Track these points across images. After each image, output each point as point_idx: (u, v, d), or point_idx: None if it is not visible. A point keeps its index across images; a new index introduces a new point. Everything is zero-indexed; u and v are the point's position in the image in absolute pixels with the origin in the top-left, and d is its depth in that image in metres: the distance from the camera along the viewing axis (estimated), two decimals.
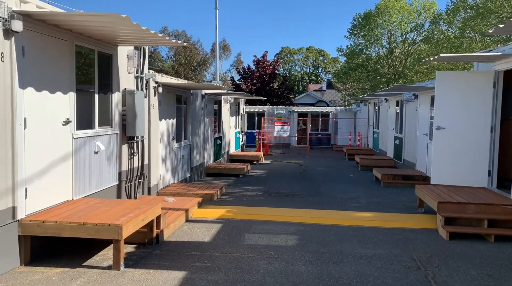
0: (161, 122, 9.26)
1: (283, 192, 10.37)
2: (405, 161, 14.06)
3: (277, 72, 37.58)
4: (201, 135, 12.58)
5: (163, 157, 9.45)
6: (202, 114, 12.64)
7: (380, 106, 18.15)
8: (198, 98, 12.14)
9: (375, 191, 10.78)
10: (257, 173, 14.07)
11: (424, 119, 12.12)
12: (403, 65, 32.82)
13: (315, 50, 74.49)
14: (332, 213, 8.11)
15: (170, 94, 9.81)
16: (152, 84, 8.62)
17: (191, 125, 11.53)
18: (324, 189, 10.87)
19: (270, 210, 8.26)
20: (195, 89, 11.10)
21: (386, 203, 9.16)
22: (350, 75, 34.80)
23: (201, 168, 12.70)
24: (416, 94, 12.87)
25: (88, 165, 6.35)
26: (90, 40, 6.30)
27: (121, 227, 4.77)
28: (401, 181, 11.64)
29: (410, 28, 31.79)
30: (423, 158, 12.07)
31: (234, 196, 9.69)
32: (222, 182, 11.37)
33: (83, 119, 6.29)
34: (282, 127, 20.88)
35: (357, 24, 34.28)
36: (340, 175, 13.71)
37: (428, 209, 8.11)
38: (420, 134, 12.38)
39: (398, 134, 14.98)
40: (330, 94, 56.49)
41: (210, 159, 13.73)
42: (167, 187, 9.55)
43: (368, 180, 12.69)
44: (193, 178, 11.73)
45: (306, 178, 13.01)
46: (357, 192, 10.47)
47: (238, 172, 13.03)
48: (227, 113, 16.27)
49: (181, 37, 47.03)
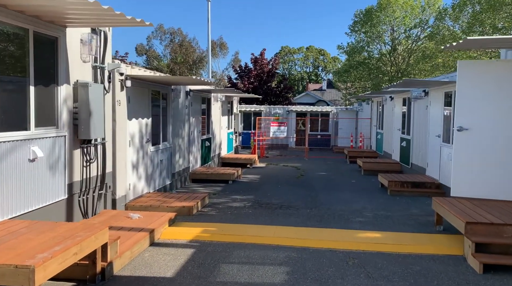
0: (130, 121, 7.87)
1: (275, 202, 8.97)
2: (413, 165, 12.66)
3: (275, 71, 36.19)
4: (185, 137, 11.19)
5: (134, 162, 8.05)
6: (186, 113, 11.25)
7: (385, 104, 16.73)
8: (181, 94, 10.74)
9: (381, 201, 9.38)
10: (249, 178, 12.67)
11: (436, 118, 10.72)
12: (406, 63, 31.40)
13: (315, 50, 73.37)
14: (333, 232, 6.70)
15: (143, 89, 8.42)
16: (117, 77, 7.22)
17: (173, 126, 10.14)
18: (323, 199, 9.47)
19: (257, 228, 6.86)
20: (175, 83, 9.70)
21: (396, 217, 7.77)
22: (351, 73, 33.34)
23: (185, 174, 11.30)
24: (426, 91, 11.47)
25: (19, 177, 4.95)
26: (20, 16, 4.90)
27: (33, 270, 3.37)
28: (410, 189, 10.23)
29: (414, 24, 30.35)
30: (435, 163, 10.66)
31: (217, 209, 8.29)
32: (207, 191, 9.98)
33: (11, 117, 4.90)
34: (278, 127, 19.45)
35: (359, 21, 32.81)
36: (341, 181, 12.31)
37: (448, 226, 6.72)
38: (432, 135, 10.98)
39: (405, 135, 13.58)
40: (330, 93, 55.28)
41: (196, 163, 12.33)
42: (139, 198, 8.16)
43: (373, 187, 11.29)
44: (174, 186, 10.33)
45: (303, 184, 11.61)
46: (361, 203, 9.07)
47: (227, 177, 11.63)
48: (217, 112, 14.87)
49: (177, 34, 45.67)
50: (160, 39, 46.38)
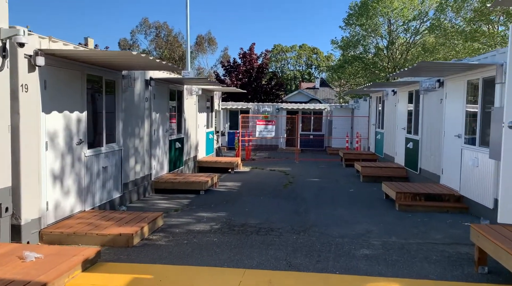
0: (49, 115, 5.69)
1: (253, 223, 6.84)
2: (423, 171, 10.61)
3: (266, 67, 34.05)
4: (144, 137, 9.03)
5: (57, 172, 5.87)
6: (147, 107, 9.09)
7: (386, 100, 14.67)
8: (137, 83, 8.58)
9: (389, 219, 7.30)
10: (228, 187, 10.54)
11: (454, 114, 8.67)
12: (404, 58, 29.43)
13: (308, 48, 71.78)
14: (329, 281, 4.58)
15: (73, 72, 6.24)
16: (21, 52, 5.04)
17: (124, 123, 7.98)
18: (315, 217, 7.36)
19: (215, 273, 4.71)
20: (119, 66, 7.51)
21: (414, 248, 5.67)
22: (346, 69, 31.29)
23: (145, 183, 9.13)
24: (441, 80, 9.41)
25: None
26: None
27: None
28: (424, 203, 8.16)
29: (413, 16, 28.39)
30: (453, 169, 8.62)
31: (172, 235, 6.13)
32: (169, 205, 7.85)
33: None
34: (265, 126, 17.27)
35: (354, 13, 30.78)
36: (337, 191, 10.22)
37: (494, 266, 4.65)
38: (449, 135, 8.93)
39: (411, 135, 11.53)
40: (323, 92, 53.49)
41: (162, 169, 10.15)
42: (65, 221, 5.97)
43: (376, 198, 9.21)
44: (127, 199, 8.16)
45: (291, 195, 9.50)
46: (364, 223, 6.98)
47: (199, 187, 9.48)
48: (192, 108, 12.71)
49: (162, 28, 43.41)
50: (145, 33, 44.13)
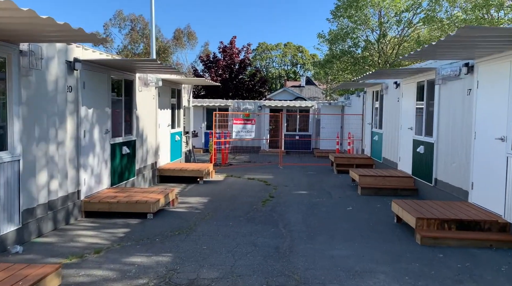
0: None
1: (206, 278, 4.37)
2: (440, 183, 8.29)
3: (248, 62, 31.58)
4: (66, 141, 6.47)
5: None
6: (71, 100, 6.54)
7: (385, 94, 12.35)
8: (52, 65, 6.02)
9: (412, 262, 4.91)
10: (188, 205, 8.05)
11: (491, 110, 6.36)
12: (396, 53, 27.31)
13: (294, 46, 70.02)
14: None
15: None
16: None
17: (25, 121, 5.43)
18: (304, 264, 4.93)
19: None
20: (15, 33, 4.95)
21: None
22: (334, 65, 29.02)
23: (68, 205, 6.57)
24: (470, 64, 7.08)
25: None
26: None
27: None
28: (456, 234, 5.81)
29: (405, 7, 26.27)
30: (490, 184, 6.30)
31: None
32: (91, 241, 5.34)
33: None
34: (244, 126, 14.78)
35: (342, 5, 28.54)
36: (332, 210, 7.81)
37: None
38: (481, 137, 6.61)
39: (422, 137, 9.21)
40: (309, 90, 51.49)
41: (99, 184, 7.60)
42: None
43: (384, 221, 6.85)
44: (30, 233, 5.58)
45: (271, 219, 7.05)
46: (380, 274, 4.56)
47: (145, 208, 6.96)
48: (150, 103, 10.17)
49: (138, 21, 40.53)
50: (119, 27, 41.18)
